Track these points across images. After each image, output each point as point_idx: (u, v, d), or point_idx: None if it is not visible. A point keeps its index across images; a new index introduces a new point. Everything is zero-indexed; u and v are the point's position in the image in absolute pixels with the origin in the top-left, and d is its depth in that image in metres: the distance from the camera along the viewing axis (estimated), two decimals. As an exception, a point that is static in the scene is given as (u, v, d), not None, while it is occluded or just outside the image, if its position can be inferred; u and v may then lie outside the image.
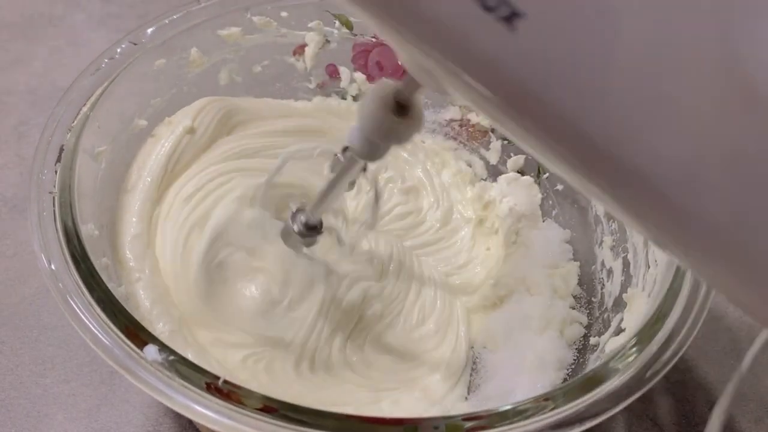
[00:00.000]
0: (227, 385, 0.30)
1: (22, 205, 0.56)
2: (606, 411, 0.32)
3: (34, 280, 0.52)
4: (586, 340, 0.47)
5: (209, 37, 0.51)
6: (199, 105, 0.50)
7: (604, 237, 0.49)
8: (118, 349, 0.31)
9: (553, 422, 0.31)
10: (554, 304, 0.48)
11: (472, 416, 0.31)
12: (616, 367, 0.34)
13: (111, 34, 0.73)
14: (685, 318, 0.36)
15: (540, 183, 0.56)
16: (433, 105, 0.59)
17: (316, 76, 0.57)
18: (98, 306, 0.33)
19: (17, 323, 0.49)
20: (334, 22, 0.55)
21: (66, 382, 0.47)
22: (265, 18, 0.53)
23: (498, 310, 0.50)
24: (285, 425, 0.29)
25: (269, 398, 0.30)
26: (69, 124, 0.41)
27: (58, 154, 0.39)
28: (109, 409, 0.45)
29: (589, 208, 0.52)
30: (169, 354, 0.31)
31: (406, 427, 0.30)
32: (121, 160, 0.46)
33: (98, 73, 0.44)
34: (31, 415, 0.45)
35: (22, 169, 0.59)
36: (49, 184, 0.38)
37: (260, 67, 0.55)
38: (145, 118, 0.48)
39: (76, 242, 0.36)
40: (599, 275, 0.49)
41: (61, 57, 0.70)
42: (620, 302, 0.44)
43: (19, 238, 0.54)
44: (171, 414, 0.45)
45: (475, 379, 0.47)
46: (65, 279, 0.34)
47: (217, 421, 0.29)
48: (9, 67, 0.68)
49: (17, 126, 0.63)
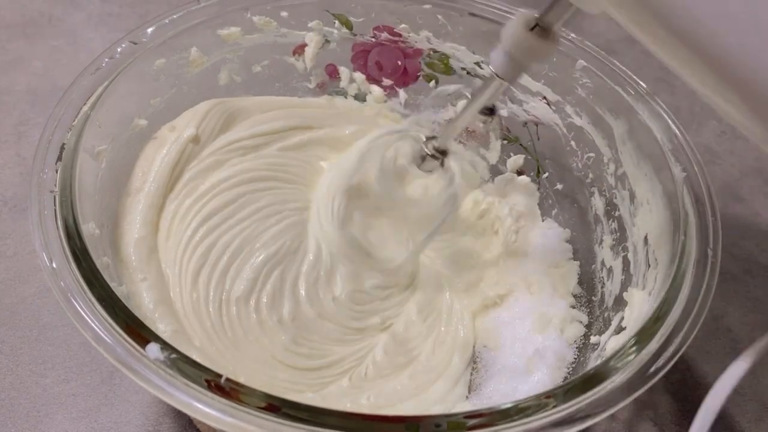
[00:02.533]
0: (229, 383, 0.30)
1: (22, 205, 0.56)
2: (606, 409, 0.32)
3: (34, 279, 0.52)
4: (586, 338, 0.47)
5: (209, 37, 0.51)
6: (203, 110, 0.50)
7: (604, 236, 0.50)
8: (119, 348, 0.31)
9: (554, 420, 0.31)
10: (554, 303, 0.48)
11: (473, 414, 0.31)
12: (617, 365, 0.34)
13: (111, 33, 0.73)
14: (685, 317, 0.36)
15: (540, 182, 0.56)
16: (433, 105, 0.59)
17: (316, 76, 0.57)
18: (100, 304, 0.33)
19: (17, 323, 0.49)
20: (333, 22, 0.55)
21: (66, 382, 0.46)
22: (265, 18, 0.53)
23: (498, 309, 0.50)
24: (286, 423, 0.29)
25: (271, 396, 0.30)
26: (69, 124, 0.41)
27: (59, 154, 0.39)
28: (109, 409, 0.45)
29: (588, 207, 0.52)
30: (171, 352, 0.31)
31: (408, 425, 0.30)
32: (121, 159, 0.46)
33: (98, 72, 0.44)
34: (31, 415, 0.45)
35: (22, 169, 0.59)
36: (50, 183, 0.38)
37: (260, 67, 0.55)
38: (145, 118, 0.48)
39: (77, 240, 0.36)
40: (599, 274, 0.49)
41: (61, 57, 0.70)
42: (620, 301, 0.44)
43: (19, 238, 0.54)
44: (171, 414, 0.45)
45: (475, 378, 0.47)
46: (66, 277, 0.34)
47: (219, 419, 0.29)
48: (9, 67, 0.68)
49: (17, 126, 0.63)
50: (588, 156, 0.51)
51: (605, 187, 0.50)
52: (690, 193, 0.42)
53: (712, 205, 0.41)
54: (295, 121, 0.55)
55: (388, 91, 0.58)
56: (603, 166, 0.50)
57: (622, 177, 0.48)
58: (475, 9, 0.53)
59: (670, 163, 0.43)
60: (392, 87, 0.58)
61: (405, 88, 0.58)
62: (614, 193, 0.49)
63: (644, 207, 0.45)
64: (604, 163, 0.49)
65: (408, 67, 0.57)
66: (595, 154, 0.50)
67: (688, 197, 0.41)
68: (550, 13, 0.36)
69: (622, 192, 0.48)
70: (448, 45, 0.55)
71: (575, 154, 0.52)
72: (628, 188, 0.47)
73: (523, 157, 0.57)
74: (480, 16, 0.53)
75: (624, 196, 0.48)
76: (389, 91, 0.58)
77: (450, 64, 0.56)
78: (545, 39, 0.36)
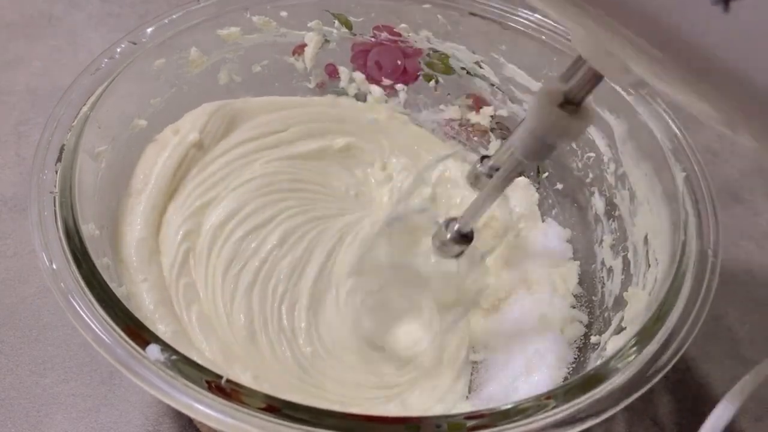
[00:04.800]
0: (229, 384, 0.30)
1: (22, 205, 0.56)
2: (607, 410, 0.32)
3: (34, 279, 0.52)
4: (586, 338, 0.47)
5: (209, 37, 0.51)
6: (206, 114, 0.50)
7: (604, 236, 0.50)
8: (119, 348, 0.31)
9: (554, 421, 0.31)
10: (554, 302, 0.48)
11: (473, 415, 0.31)
12: (617, 366, 0.34)
13: (111, 33, 0.73)
14: (685, 317, 0.36)
15: (540, 182, 0.56)
16: (432, 105, 0.59)
17: (316, 76, 0.57)
18: (100, 305, 0.33)
19: (17, 323, 0.49)
20: (333, 21, 0.55)
21: (66, 382, 0.46)
22: (265, 18, 0.53)
23: (498, 309, 0.49)
24: (287, 424, 0.29)
25: (271, 397, 0.30)
26: (69, 124, 0.41)
27: (59, 154, 0.39)
28: (109, 409, 0.45)
29: (588, 207, 0.52)
30: (172, 353, 0.31)
31: (408, 426, 0.30)
32: (121, 160, 0.46)
33: (98, 72, 0.44)
34: (31, 415, 0.45)
35: (22, 169, 0.59)
36: (50, 184, 0.38)
37: (260, 67, 0.55)
38: (144, 118, 0.48)
39: (77, 241, 0.36)
40: (599, 274, 0.49)
41: (61, 57, 0.70)
42: (621, 301, 0.44)
43: (19, 238, 0.54)
44: (171, 414, 0.45)
45: (475, 378, 0.47)
46: (66, 278, 0.34)
47: (220, 420, 0.29)
48: (9, 66, 0.68)
49: (17, 126, 0.63)
50: (588, 156, 0.51)
51: (605, 186, 0.50)
52: (690, 193, 0.41)
53: (713, 205, 0.41)
54: (300, 121, 0.55)
55: (388, 91, 0.58)
56: (603, 165, 0.50)
57: (622, 177, 0.48)
58: (475, 9, 0.53)
59: (670, 163, 0.43)
60: (392, 87, 0.58)
61: (405, 87, 0.58)
62: (614, 193, 0.49)
63: (644, 207, 0.45)
64: (604, 162, 0.49)
65: (408, 66, 0.57)
66: (595, 154, 0.50)
67: (688, 197, 0.41)
68: (572, 84, 0.32)
69: (622, 192, 0.48)
70: (448, 45, 0.55)
71: (575, 153, 0.52)
72: (628, 188, 0.47)
73: (522, 156, 0.56)
74: (480, 15, 0.52)
75: (624, 195, 0.47)
76: (389, 90, 0.58)
77: (450, 64, 0.56)
78: (576, 115, 0.32)
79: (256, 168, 0.51)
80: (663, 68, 0.23)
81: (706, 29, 0.20)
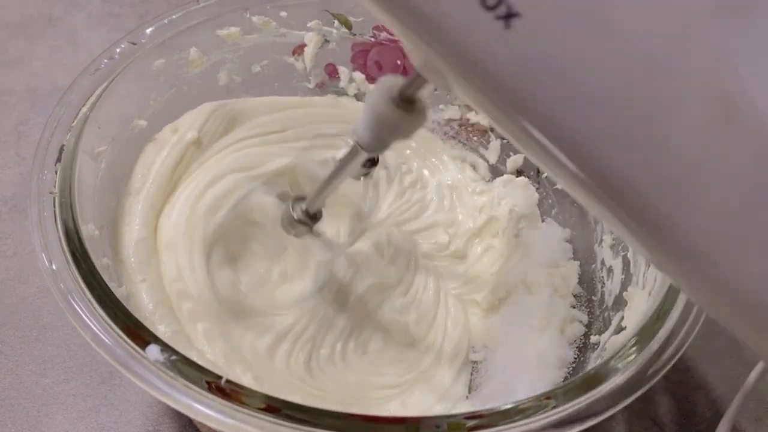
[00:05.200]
0: (229, 385, 0.30)
1: (22, 205, 0.56)
2: (606, 410, 0.32)
3: (34, 280, 0.52)
4: (586, 338, 0.47)
5: (208, 37, 0.51)
6: (205, 113, 0.50)
7: (604, 236, 0.50)
8: (119, 349, 0.31)
9: (554, 421, 0.31)
10: (554, 302, 0.48)
11: (473, 415, 0.31)
12: (617, 366, 0.34)
13: (111, 33, 0.73)
14: (685, 317, 0.36)
15: (540, 182, 0.56)
16: (432, 104, 0.59)
17: (315, 76, 0.57)
18: (99, 305, 0.33)
19: (17, 323, 0.49)
20: (333, 21, 0.55)
21: (66, 382, 0.46)
22: (265, 18, 0.53)
23: (498, 309, 0.50)
24: (287, 425, 0.29)
25: (271, 398, 0.30)
26: (69, 125, 0.41)
27: (58, 155, 0.39)
28: (109, 409, 0.45)
29: (588, 207, 0.52)
30: (172, 354, 0.31)
31: (407, 426, 0.30)
32: (121, 160, 0.46)
33: (98, 73, 0.44)
34: (31, 415, 0.45)
35: (22, 169, 0.59)
36: (50, 185, 0.38)
37: (259, 67, 0.55)
38: (144, 119, 0.48)
39: (76, 242, 0.36)
40: (599, 274, 0.49)
41: (61, 57, 0.70)
42: (620, 301, 0.44)
43: (19, 238, 0.54)
44: (171, 414, 0.45)
45: (475, 378, 0.47)
46: (66, 279, 0.34)
47: (220, 420, 0.29)
48: (9, 67, 0.68)
49: (17, 126, 0.63)
50: (588, 155, 0.51)
51: (605, 186, 0.50)
52: (690, 193, 0.41)
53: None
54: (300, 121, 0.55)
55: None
56: (603, 165, 0.50)
57: (622, 176, 0.48)
58: (475, 9, 0.52)
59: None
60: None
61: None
62: (614, 193, 0.49)
63: (644, 206, 0.45)
64: (604, 162, 0.49)
65: (408, 66, 0.57)
66: (595, 154, 0.50)
67: (689, 197, 0.41)
68: (411, 85, 0.31)
69: (622, 191, 0.48)
70: (448, 44, 0.55)
71: (575, 153, 0.52)
72: (628, 188, 0.47)
73: (522, 156, 0.57)
74: (480, 15, 0.52)
75: (624, 195, 0.47)
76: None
77: (450, 64, 0.56)
78: (410, 111, 0.32)
79: None
80: (464, 93, 0.24)
81: (491, 50, 0.20)
